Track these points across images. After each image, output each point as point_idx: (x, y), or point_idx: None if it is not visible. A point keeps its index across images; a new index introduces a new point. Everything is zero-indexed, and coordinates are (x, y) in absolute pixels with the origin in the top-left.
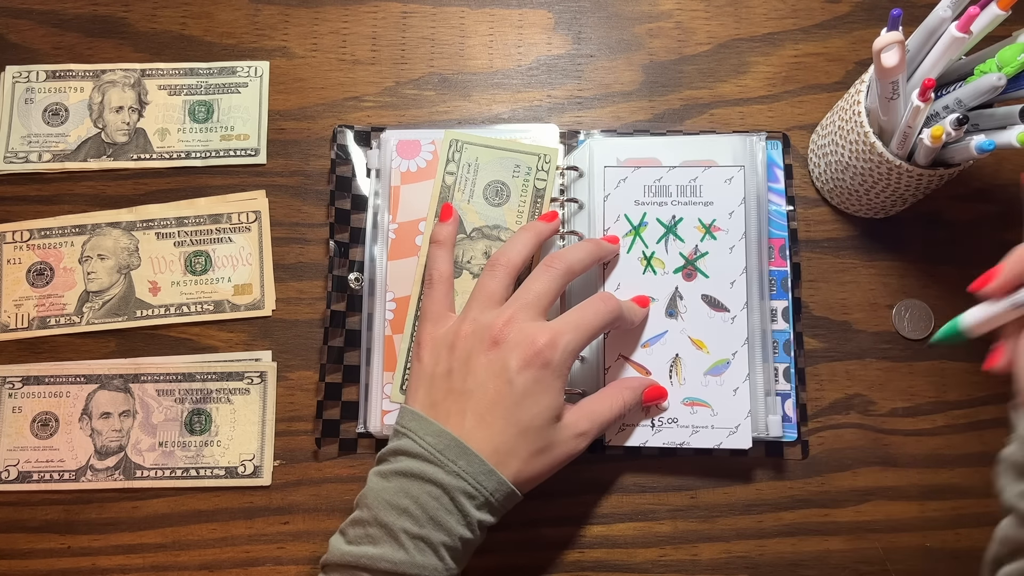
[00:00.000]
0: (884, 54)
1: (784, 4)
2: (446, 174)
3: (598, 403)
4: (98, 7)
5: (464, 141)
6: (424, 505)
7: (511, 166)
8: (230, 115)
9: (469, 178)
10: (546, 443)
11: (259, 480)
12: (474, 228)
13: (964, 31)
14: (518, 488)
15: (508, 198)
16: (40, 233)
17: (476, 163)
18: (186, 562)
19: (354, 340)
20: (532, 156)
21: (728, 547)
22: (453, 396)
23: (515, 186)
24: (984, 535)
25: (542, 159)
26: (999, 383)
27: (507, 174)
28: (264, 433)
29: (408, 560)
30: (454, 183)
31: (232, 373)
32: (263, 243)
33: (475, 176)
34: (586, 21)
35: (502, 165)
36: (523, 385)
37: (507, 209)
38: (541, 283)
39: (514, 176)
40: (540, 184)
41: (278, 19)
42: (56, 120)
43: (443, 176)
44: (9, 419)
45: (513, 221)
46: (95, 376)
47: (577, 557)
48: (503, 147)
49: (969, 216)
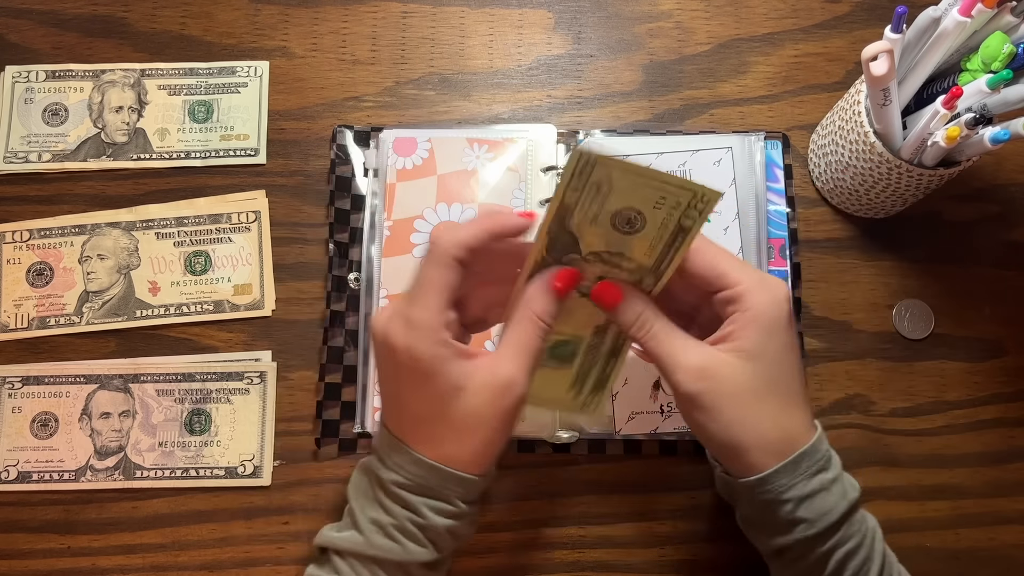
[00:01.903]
0: (873, 63)
1: (784, 4)
2: (568, 191)
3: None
4: (98, 7)
5: (598, 157)
6: (365, 492)
7: (655, 196)
8: (230, 115)
9: (596, 200)
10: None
11: (259, 480)
12: (591, 252)
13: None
14: (452, 466)
15: (642, 229)
16: (40, 233)
17: (609, 184)
18: (186, 562)
19: (354, 340)
20: (686, 192)
21: (728, 547)
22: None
23: (654, 218)
24: (984, 535)
25: (697, 198)
26: (999, 383)
27: (647, 204)
28: (264, 433)
29: (364, 542)
30: (576, 202)
31: (232, 373)
32: (263, 243)
33: (604, 199)
34: (586, 21)
35: (643, 193)
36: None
37: (638, 239)
38: (417, 272)
39: (656, 208)
40: (687, 223)
41: (278, 19)
42: (56, 120)
43: (564, 193)
44: (9, 419)
45: (643, 253)
46: (95, 376)
47: (577, 557)
48: (648, 175)
49: (969, 216)
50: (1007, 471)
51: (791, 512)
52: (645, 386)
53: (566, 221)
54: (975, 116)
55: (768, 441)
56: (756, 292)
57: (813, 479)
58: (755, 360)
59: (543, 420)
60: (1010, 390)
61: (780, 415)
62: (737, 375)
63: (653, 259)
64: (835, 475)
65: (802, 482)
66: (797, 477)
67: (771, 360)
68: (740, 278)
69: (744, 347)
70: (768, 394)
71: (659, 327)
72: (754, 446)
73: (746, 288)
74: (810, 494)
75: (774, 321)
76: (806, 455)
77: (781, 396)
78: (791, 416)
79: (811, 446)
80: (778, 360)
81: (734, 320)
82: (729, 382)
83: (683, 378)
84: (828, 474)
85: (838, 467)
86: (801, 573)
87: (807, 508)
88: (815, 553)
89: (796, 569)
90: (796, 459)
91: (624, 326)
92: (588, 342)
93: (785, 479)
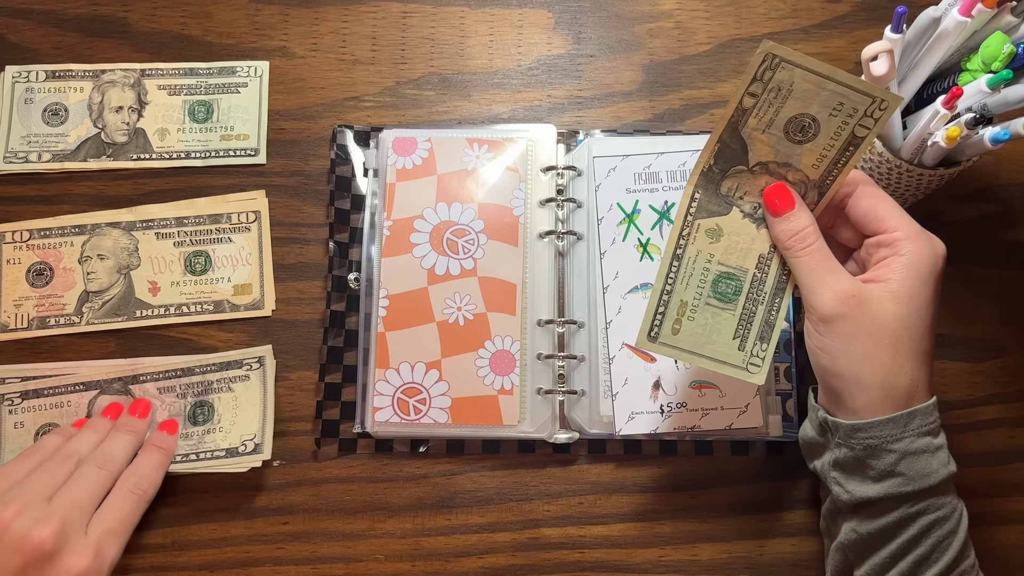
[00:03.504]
0: (873, 63)
1: (784, 4)
2: (747, 95)
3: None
4: (98, 7)
5: (783, 58)
6: None
7: (833, 101)
8: (230, 115)
9: (774, 104)
10: None
11: (260, 456)
12: (758, 162)
13: (966, 15)
14: None
15: (815, 137)
16: (40, 233)
17: (790, 88)
18: (186, 562)
19: (353, 340)
20: (865, 97)
21: (728, 547)
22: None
23: (828, 125)
24: (984, 535)
25: (876, 104)
26: (999, 383)
27: (824, 110)
28: (265, 413)
29: None
30: (753, 106)
31: (231, 362)
32: (263, 243)
33: (782, 104)
34: (586, 21)
35: (821, 97)
36: None
37: (808, 149)
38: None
39: (832, 114)
40: (861, 132)
41: (278, 19)
42: (56, 120)
43: (742, 96)
44: (12, 435)
45: (810, 164)
46: (94, 382)
47: (577, 557)
48: (833, 77)
49: (969, 216)
50: (1007, 471)
51: (892, 464)
52: (645, 386)
53: (739, 127)
54: (975, 116)
55: (891, 386)
56: (916, 240)
57: (921, 439)
58: (903, 304)
59: (543, 419)
60: (1010, 390)
61: (909, 364)
62: (883, 311)
63: (820, 172)
64: (941, 442)
65: (911, 438)
66: (908, 432)
67: (917, 309)
68: (901, 224)
69: (895, 289)
70: (905, 341)
71: (819, 246)
72: (877, 386)
73: (906, 235)
74: (916, 452)
75: (929, 272)
76: (921, 412)
77: (914, 348)
78: (919, 369)
79: (927, 407)
80: (922, 312)
81: (888, 264)
82: (873, 315)
83: (829, 297)
84: (936, 439)
85: (944, 439)
86: (881, 529)
87: (909, 464)
88: (903, 511)
89: (877, 524)
90: (912, 413)
91: (786, 235)
92: (752, 275)
93: (896, 430)
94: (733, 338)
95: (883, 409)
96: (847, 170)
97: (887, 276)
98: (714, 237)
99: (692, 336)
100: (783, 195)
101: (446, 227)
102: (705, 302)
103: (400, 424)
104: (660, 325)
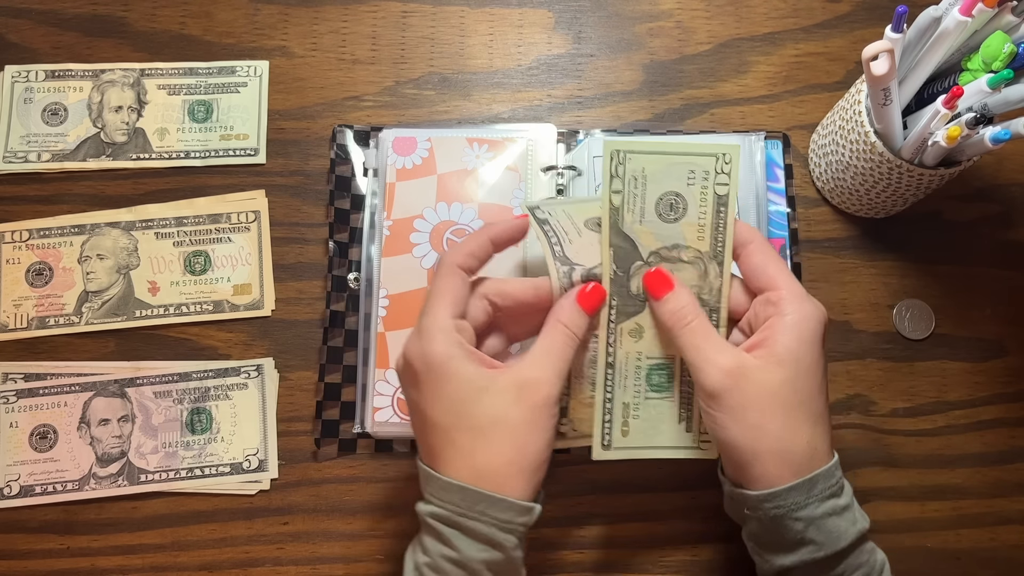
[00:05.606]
0: (874, 62)
1: (785, 3)
2: (612, 193)
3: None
4: (97, 7)
5: (627, 151)
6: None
7: (684, 173)
8: (229, 115)
9: (637, 194)
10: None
11: (266, 474)
12: (651, 252)
13: (967, 14)
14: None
15: (685, 211)
16: (39, 233)
17: (643, 175)
18: (186, 563)
19: (353, 340)
20: (708, 158)
21: (728, 547)
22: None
23: (692, 195)
24: (984, 535)
25: (720, 160)
26: (1000, 383)
27: (681, 183)
28: (265, 426)
29: None
30: (622, 202)
31: (229, 369)
32: (262, 243)
33: (643, 191)
34: (586, 20)
35: (673, 173)
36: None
37: (685, 225)
38: (431, 286)
39: (689, 184)
40: (722, 190)
41: (278, 19)
42: (55, 120)
43: (610, 196)
44: (7, 434)
45: (694, 238)
46: (90, 384)
47: (577, 557)
48: (673, 151)
49: (969, 216)
50: (1008, 471)
51: (800, 532)
52: None
53: (620, 225)
54: (976, 116)
55: (788, 453)
56: (799, 301)
57: (826, 502)
58: (788, 367)
59: None
60: (1011, 390)
61: (802, 429)
62: (767, 379)
63: (708, 242)
64: (847, 503)
65: (815, 503)
66: (811, 497)
67: (802, 372)
68: (787, 284)
69: (779, 352)
70: (796, 405)
71: (699, 323)
72: (773, 455)
73: (789, 294)
74: (821, 516)
75: (811, 333)
76: (823, 476)
77: (806, 411)
78: (813, 433)
79: (828, 469)
80: (808, 374)
81: (771, 325)
82: (757, 385)
83: (713, 373)
84: (840, 500)
85: (850, 496)
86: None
87: (817, 530)
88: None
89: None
90: (813, 479)
91: (665, 316)
92: (678, 360)
93: (799, 497)
94: (679, 422)
95: (782, 476)
96: (730, 231)
97: (771, 340)
98: (637, 336)
99: (641, 433)
100: (661, 279)
101: (446, 227)
102: (644, 397)
103: (400, 424)
104: (610, 433)
